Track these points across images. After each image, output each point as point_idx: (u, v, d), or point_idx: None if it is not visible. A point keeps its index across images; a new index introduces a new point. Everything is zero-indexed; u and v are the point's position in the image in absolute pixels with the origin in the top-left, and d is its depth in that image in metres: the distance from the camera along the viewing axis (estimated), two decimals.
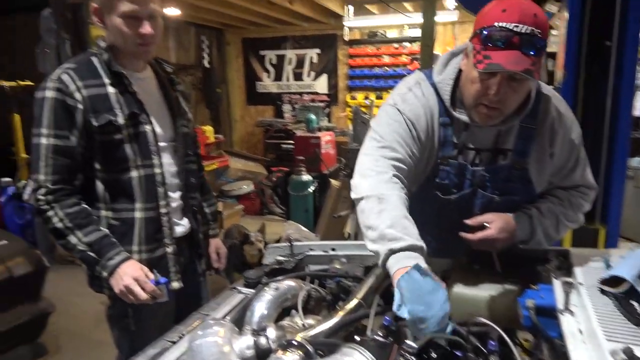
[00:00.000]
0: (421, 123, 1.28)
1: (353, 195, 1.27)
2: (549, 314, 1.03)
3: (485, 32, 1.10)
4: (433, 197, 1.35)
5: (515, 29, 1.06)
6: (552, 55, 3.75)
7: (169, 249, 1.57)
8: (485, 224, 1.26)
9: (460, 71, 1.26)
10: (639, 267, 1.03)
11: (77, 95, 1.39)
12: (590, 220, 2.32)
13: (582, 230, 2.29)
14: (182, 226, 1.64)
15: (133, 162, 1.47)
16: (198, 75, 7.23)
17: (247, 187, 6.29)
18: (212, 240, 1.85)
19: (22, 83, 5.48)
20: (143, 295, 1.37)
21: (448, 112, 1.28)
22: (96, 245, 1.40)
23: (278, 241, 1.94)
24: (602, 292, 1.01)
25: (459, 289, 1.30)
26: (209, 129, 6.26)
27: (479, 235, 1.23)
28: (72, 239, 1.39)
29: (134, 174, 1.47)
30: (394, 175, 1.21)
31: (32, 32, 4.55)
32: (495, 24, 1.08)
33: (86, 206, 1.44)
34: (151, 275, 1.40)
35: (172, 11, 5.43)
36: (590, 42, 2.22)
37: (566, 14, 2.25)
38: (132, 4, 1.37)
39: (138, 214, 1.50)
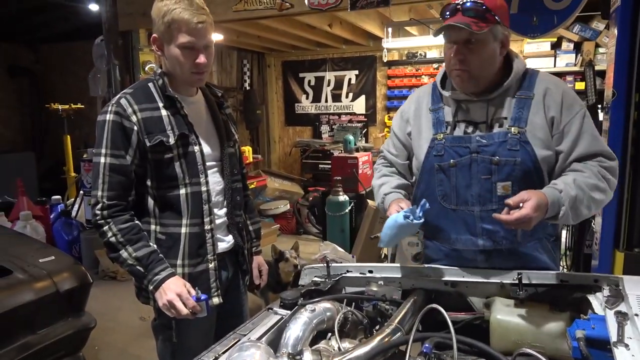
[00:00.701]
0: (397, 122, 1.68)
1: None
2: (601, 346, 0.97)
3: (442, 11, 1.46)
4: (436, 166, 1.50)
5: (457, 2, 1.39)
6: (601, 74, 3.62)
7: (211, 265, 1.63)
8: (522, 204, 1.26)
9: None
10: None
11: (133, 118, 1.50)
12: None
13: (635, 256, 2.17)
14: (225, 242, 1.70)
15: (182, 180, 1.56)
16: (239, 97, 7.40)
17: (283, 206, 6.33)
18: (255, 257, 1.91)
19: (74, 106, 5.79)
20: (184, 311, 1.44)
21: (441, 96, 1.54)
22: (144, 260, 1.49)
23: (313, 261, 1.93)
24: None
25: (502, 316, 1.25)
26: (247, 149, 6.37)
27: (516, 215, 1.23)
28: (124, 254, 1.49)
29: (182, 191, 1.56)
30: (384, 166, 1.75)
31: (89, 59, 4.82)
32: (447, 5, 1.44)
33: (138, 222, 1.53)
34: (193, 292, 1.47)
35: (216, 36, 5.60)
36: None
37: (615, 31, 2.18)
38: (190, 36, 1.47)
39: (184, 229, 1.58)
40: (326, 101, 7.47)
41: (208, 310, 1.49)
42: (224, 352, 1.08)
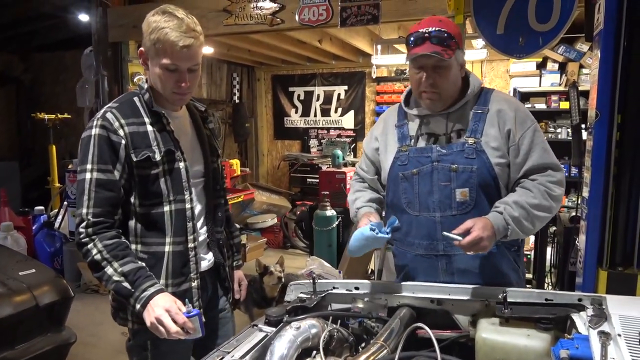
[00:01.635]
0: (367, 141, 1.81)
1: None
2: None
3: (408, 38, 1.54)
4: (400, 175, 1.62)
5: (424, 31, 1.50)
6: (585, 94, 3.70)
7: (194, 283, 1.58)
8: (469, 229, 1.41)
9: None
10: None
11: (121, 132, 1.46)
12: (627, 265, 2.22)
13: (618, 275, 2.19)
14: (207, 260, 1.66)
15: (166, 197, 1.52)
16: (228, 110, 7.41)
17: (271, 220, 6.31)
18: (235, 272, 1.88)
19: (60, 116, 5.74)
20: (173, 328, 1.32)
21: (405, 115, 1.68)
22: (131, 275, 1.40)
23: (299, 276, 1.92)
24: None
25: (487, 335, 1.25)
26: (236, 162, 6.36)
27: (467, 239, 1.37)
28: (109, 270, 1.40)
29: (166, 208, 1.52)
30: (357, 181, 1.86)
31: (77, 69, 4.79)
32: (413, 32, 1.54)
33: (125, 240, 1.47)
34: (183, 308, 1.37)
35: (206, 50, 5.63)
36: (625, 81, 2.18)
37: (599, 53, 2.23)
38: (173, 59, 1.43)
39: (167, 248, 1.53)
40: (315, 115, 7.51)
41: (202, 330, 1.38)
42: None
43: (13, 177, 6.42)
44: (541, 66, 5.58)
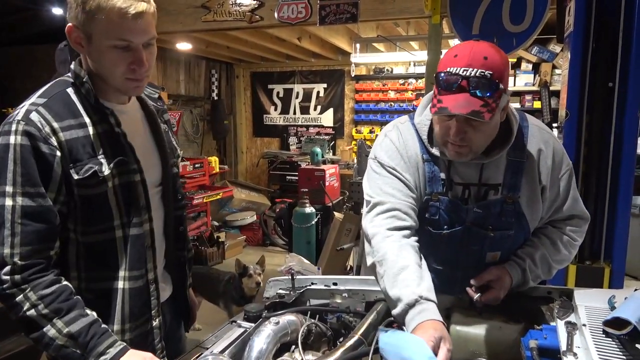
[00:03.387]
0: (402, 164, 1.32)
1: (367, 263, 1.30)
2: (552, 355, 1.02)
3: (438, 78, 1.17)
4: (426, 231, 1.35)
5: (463, 73, 1.12)
6: (557, 94, 3.81)
7: (155, 322, 1.28)
8: (490, 283, 1.30)
9: None
10: None
11: (53, 140, 1.08)
12: (594, 259, 2.30)
13: (586, 269, 2.27)
14: (167, 290, 1.40)
15: (118, 220, 1.18)
16: (207, 107, 7.35)
17: (250, 217, 6.29)
18: (189, 292, 1.56)
19: None
20: None
21: (427, 149, 1.32)
22: (82, 336, 1.05)
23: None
24: (606, 334, 1.00)
25: (461, 327, 1.29)
26: (214, 160, 6.32)
27: (486, 297, 1.28)
28: (50, 331, 1.04)
29: (118, 234, 1.19)
30: (389, 229, 1.24)
31: (50, 63, 4.68)
32: (448, 69, 1.14)
33: (67, 283, 1.11)
34: None
35: (184, 46, 5.57)
36: (593, 82, 2.26)
37: (569, 54, 2.30)
38: (124, 33, 1.08)
39: (121, 284, 1.20)
40: (294, 113, 7.51)
41: None
42: None
43: None
44: (516, 66, 5.71)
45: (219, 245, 5.42)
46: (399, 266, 1.16)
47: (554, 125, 3.45)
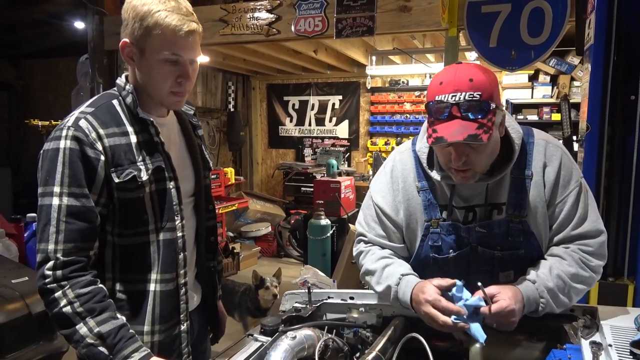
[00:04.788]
0: (393, 204, 1.36)
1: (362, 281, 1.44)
2: None
3: (429, 108, 1.17)
4: (432, 259, 1.33)
5: (452, 100, 1.11)
6: (576, 106, 3.75)
7: (183, 327, 1.34)
8: (493, 297, 1.16)
9: None
10: None
11: (99, 145, 1.17)
12: (618, 275, 2.25)
13: (609, 286, 2.22)
14: (195, 297, 1.44)
15: (152, 224, 1.25)
16: (223, 119, 7.42)
17: (265, 228, 6.30)
18: (219, 303, 1.61)
19: (54, 122, 5.72)
20: None
21: (426, 175, 1.31)
22: (111, 338, 1.11)
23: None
24: (633, 355, 0.97)
25: (481, 347, 1.26)
26: (230, 171, 6.36)
27: (494, 307, 1.11)
28: (82, 329, 1.10)
29: (152, 238, 1.26)
30: (366, 243, 1.43)
31: (72, 76, 4.80)
32: (436, 97, 1.14)
33: (102, 286, 1.17)
34: None
35: (202, 58, 5.63)
36: (614, 95, 2.22)
37: (589, 67, 2.27)
38: (176, 48, 1.18)
39: (152, 286, 1.25)
40: (310, 125, 7.54)
41: None
42: None
43: (5, 184, 6.39)
44: (533, 78, 5.66)
45: (234, 256, 5.43)
46: (381, 266, 1.33)
47: (574, 138, 3.40)
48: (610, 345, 1.02)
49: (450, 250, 1.30)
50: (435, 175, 1.28)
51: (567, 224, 1.27)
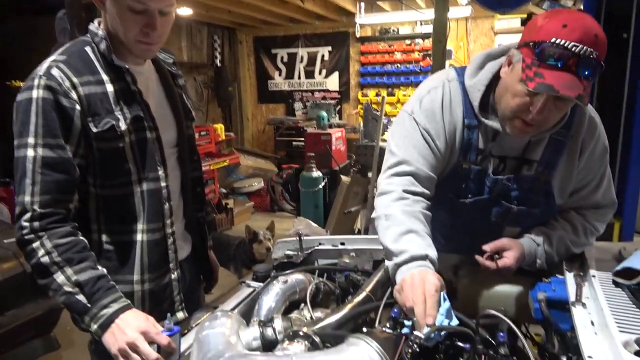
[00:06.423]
0: (438, 129, 1.22)
1: (372, 215, 1.26)
2: (561, 306, 1.01)
3: (540, 47, 1.02)
4: (448, 198, 1.29)
5: (574, 49, 0.98)
6: None
7: (174, 275, 1.34)
8: (502, 252, 1.22)
9: (495, 77, 1.19)
10: None
11: (73, 94, 1.13)
12: None
13: None
14: (186, 246, 1.45)
15: (135, 175, 1.24)
16: (210, 74, 7.26)
17: (257, 184, 6.32)
18: (210, 253, 1.62)
19: None
20: (152, 355, 1.01)
21: (476, 116, 1.21)
22: (89, 286, 1.09)
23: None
24: (616, 284, 0.99)
25: (470, 282, 1.29)
26: (220, 127, 6.30)
27: (500, 265, 1.19)
28: (59, 277, 1.08)
29: (136, 189, 1.24)
30: (404, 191, 1.18)
31: (52, 34, 4.61)
32: (553, 39, 1.00)
33: (82, 238, 1.15)
34: (160, 327, 1.05)
35: (185, 11, 5.45)
36: (607, 33, 2.18)
37: (582, 7, 2.21)
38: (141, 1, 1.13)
39: (140, 236, 1.26)
40: (299, 78, 7.41)
41: (179, 351, 1.04)
42: (196, 325, 1.08)
43: None
44: (526, 22, 5.54)
45: (228, 211, 5.46)
46: (407, 228, 1.11)
47: None
48: (594, 276, 1.05)
49: (470, 196, 1.26)
50: (493, 122, 1.18)
51: (590, 193, 1.27)
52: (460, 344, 0.88)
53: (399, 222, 1.12)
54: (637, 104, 2.18)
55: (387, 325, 0.98)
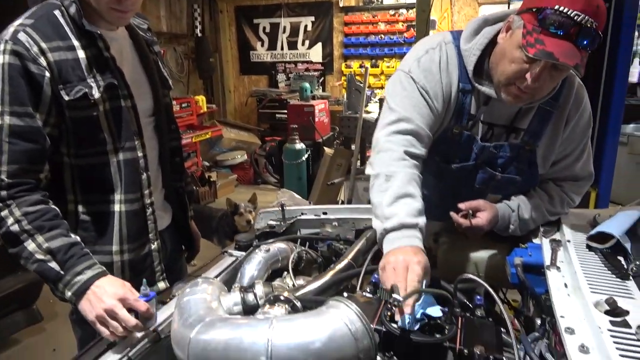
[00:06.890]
0: (436, 89, 1.21)
1: (367, 171, 1.23)
2: (536, 271, 1.04)
3: (543, 13, 1.01)
4: (434, 161, 1.29)
5: (576, 18, 0.99)
6: None
7: (154, 245, 1.33)
8: (476, 212, 1.27)
9: (491, 42, 1.18)
10: (626, 225, 1.04)
11: (42, 60, 1.07)
12: None
13: None
14: (166, 216, 1.44)
15: (110, 144, 1.20)
16: (190, 45, 7.08)
17: (240, 156, 6.27)
18: (191, 223, 1.60)
19: None
20: (132, 321, 0.97)
21: (470, 81, 1.21)
22: (61, 254, 1.06)
23: None
24: (589, 248, 1.02)
25: (449, 249, 1.32)
26: (201, 99, 6.18)
27: (474, 222, 1.24)
28: (30, 245, 1.05)
29: (112, 159, 1.21)
30: (406, 152, 1.16)
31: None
32: (557, 7, 1.00)
33: (54, 206, 1.12)
34: (136, 293, 1.03)
35: None
36: None
37: None
38: None
39: (117, 207, 1.23)
40: (282, 49, 7.28)
41: (156, 316, 1.02)
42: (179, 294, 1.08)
43: None
44: None
45: (211, 184, 5.43)
46: (406, 192, 1.09)
47: None
48: (569, 241, 1.07)
49: (457, 160, 1.28)
50: (486, 88, 1.18)
51: (570, 165, 1.30)
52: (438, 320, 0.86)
53: (399, 185, 1.10)
54: (615, 74, 2.20)
55: (367, 290, 1.00)
